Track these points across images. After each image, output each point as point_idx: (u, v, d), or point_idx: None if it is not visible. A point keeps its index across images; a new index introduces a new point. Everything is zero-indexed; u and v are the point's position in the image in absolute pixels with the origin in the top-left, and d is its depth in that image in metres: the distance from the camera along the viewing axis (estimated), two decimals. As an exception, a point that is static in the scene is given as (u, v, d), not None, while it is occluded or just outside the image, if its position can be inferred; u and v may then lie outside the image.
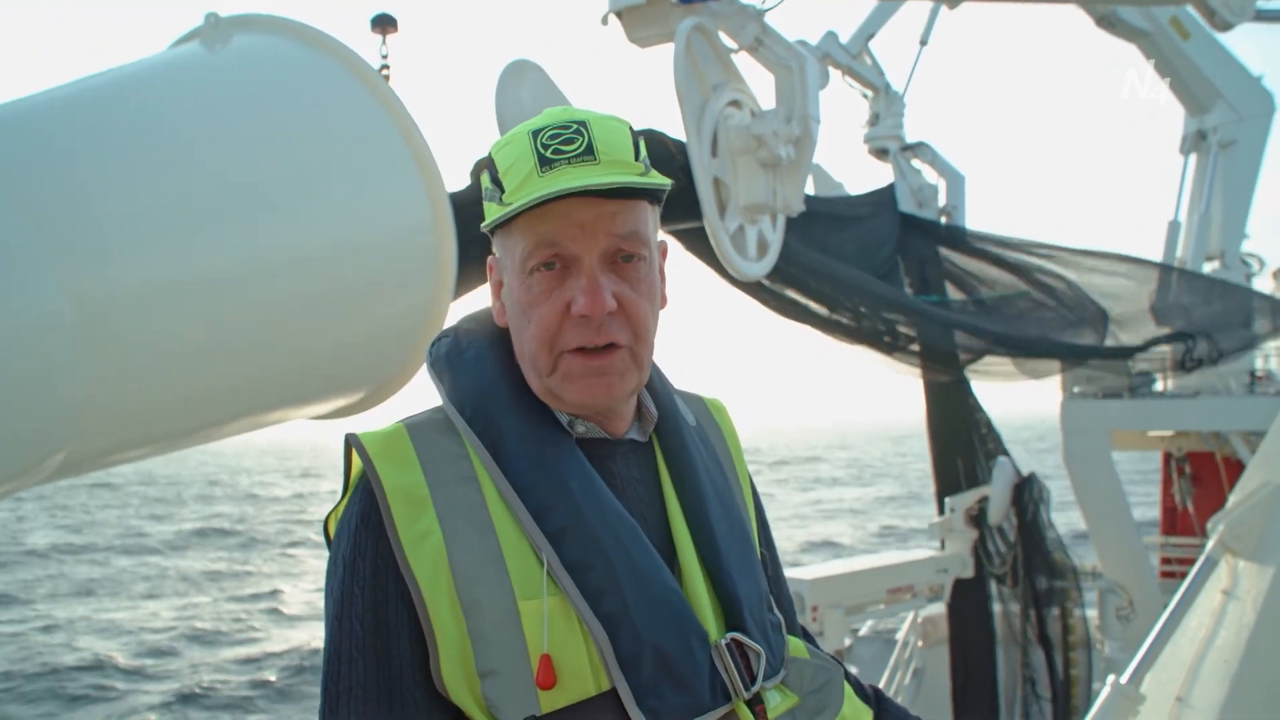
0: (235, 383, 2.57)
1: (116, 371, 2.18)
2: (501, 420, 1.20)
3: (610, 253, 1.17)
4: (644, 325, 1.20)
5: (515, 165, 1.17)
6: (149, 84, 2.61)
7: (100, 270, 2.15)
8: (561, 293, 1.17)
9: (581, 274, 1.16)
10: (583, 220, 1.15)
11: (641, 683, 1.10)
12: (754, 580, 1.27)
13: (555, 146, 1.15)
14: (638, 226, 1.18)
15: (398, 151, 2.88)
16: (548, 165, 1.14)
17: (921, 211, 9.58)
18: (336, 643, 1.12)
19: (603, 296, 1.15)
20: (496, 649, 1.09)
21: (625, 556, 1.14)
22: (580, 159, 1.14)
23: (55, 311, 2.01)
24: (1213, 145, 12.79)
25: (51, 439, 2.11)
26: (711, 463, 1.34)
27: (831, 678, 1.31)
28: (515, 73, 4.45)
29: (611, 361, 1.18)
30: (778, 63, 5.42)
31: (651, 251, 1.22)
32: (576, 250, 1.16)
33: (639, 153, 1.19)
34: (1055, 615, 9.74)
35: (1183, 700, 3.29)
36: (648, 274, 1.21)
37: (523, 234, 1.17)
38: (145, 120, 2.46)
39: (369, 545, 1.13)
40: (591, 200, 1.14)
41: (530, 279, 1.18)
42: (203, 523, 43.22)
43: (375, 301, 2.89)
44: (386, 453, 1.17)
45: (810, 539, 34.86)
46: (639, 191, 1.17)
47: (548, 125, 1.18)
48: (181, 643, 21.89)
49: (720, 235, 5.16)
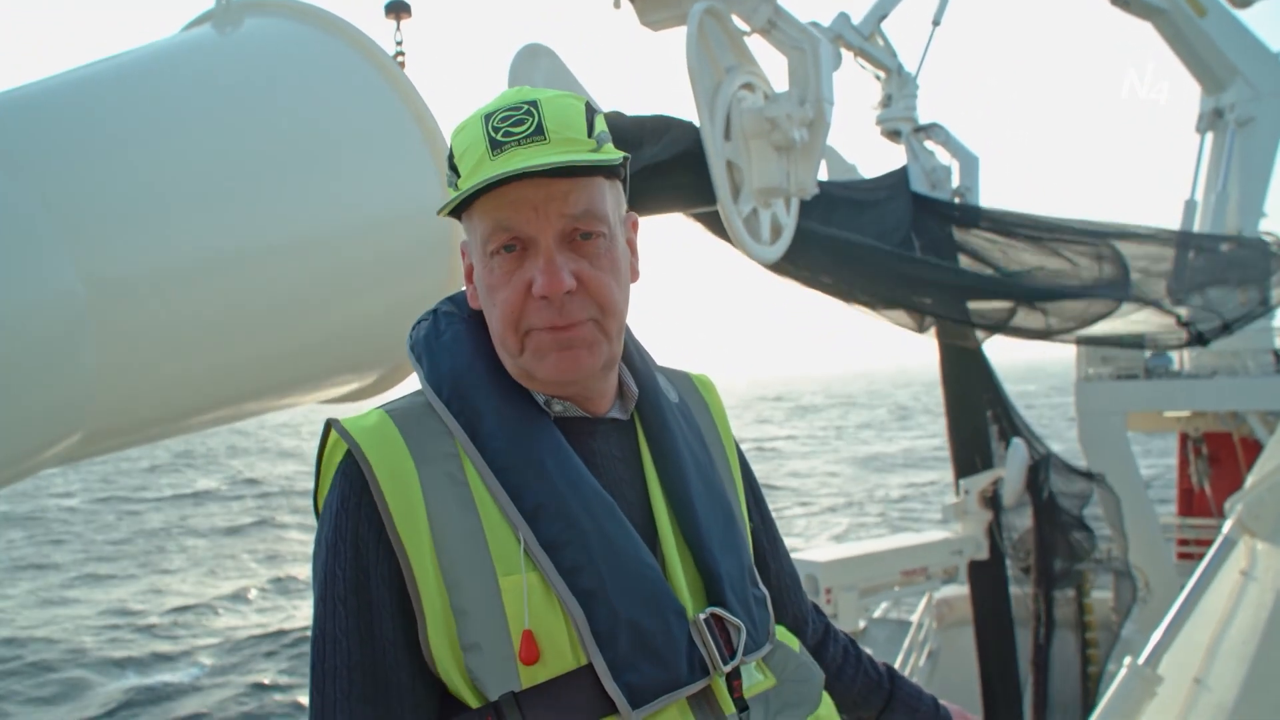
0: (249, 364, 2.58)
1: (131, 353, 2.19)
2: (479, 401, 1.21)
3: (566, 232, 1.18)
4: (608, 299, 1.20)
5: (469, 150, 1.18)
6: (161, 67, 2.62)
7: (114, 252, 2.16)
8: (522, 274, 1.18)
9: (539, 254, 1.17)
10: (535, 201, 1.16)
11: (618, 658, 1.12)
12: (736, 555, 1.28)
13: (505, 129, 1.16)
14: (592, 204, 1.19)
15: (410, 134, 2.89)
16: (498, 148, 1.15)
17: (935, 193, 9.52)
18: (322, 623, 1.15)
19: (560, 276, 1.16)
20: (479, 624, 1.11)
21: (601, 533, 1.16)
22: (530, 139, 1.15)
23: (69, 292, 2.01)
24: (1230, 123, 12.67)
25: (67, 420, 2.12)
26: (694, 439, 1.35)
27: (813, 677, 1.32)
28: (528, 57, 4.43)
29: (579, 333, 1.19)
30: (791, 45, 5.40)
31: (612, 227, 1.22)
32: (531, 232, 1.17)
33: (593, 128, 1.19)
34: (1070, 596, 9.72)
35: (1201, 681, 3.28)
36: (609, 249, 1.21)
37: (480, 218, 1.18)
38: (158, 103, 2.46)
39: (349, 528, 1.15)
40: (542, 181, 1.15)
41: (491, 261, 1.19)
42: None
43: (387, 284, 2.90)
44: (372, 436, 1.18)
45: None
46: (592, 168, 1.17)
47: (499, 108, 1.19)
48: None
49: (734, 219, 5.15)
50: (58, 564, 26.71)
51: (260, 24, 2.88)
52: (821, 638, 1.57)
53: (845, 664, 1.56)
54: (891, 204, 8.60)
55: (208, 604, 21.97)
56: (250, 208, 2.48)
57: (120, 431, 2.39)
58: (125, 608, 21.53)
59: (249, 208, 2.47)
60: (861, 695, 1.56)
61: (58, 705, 15.69)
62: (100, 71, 2.49)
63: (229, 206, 2.42)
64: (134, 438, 2.51)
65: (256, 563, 26.89)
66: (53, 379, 2.04)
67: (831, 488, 37.99)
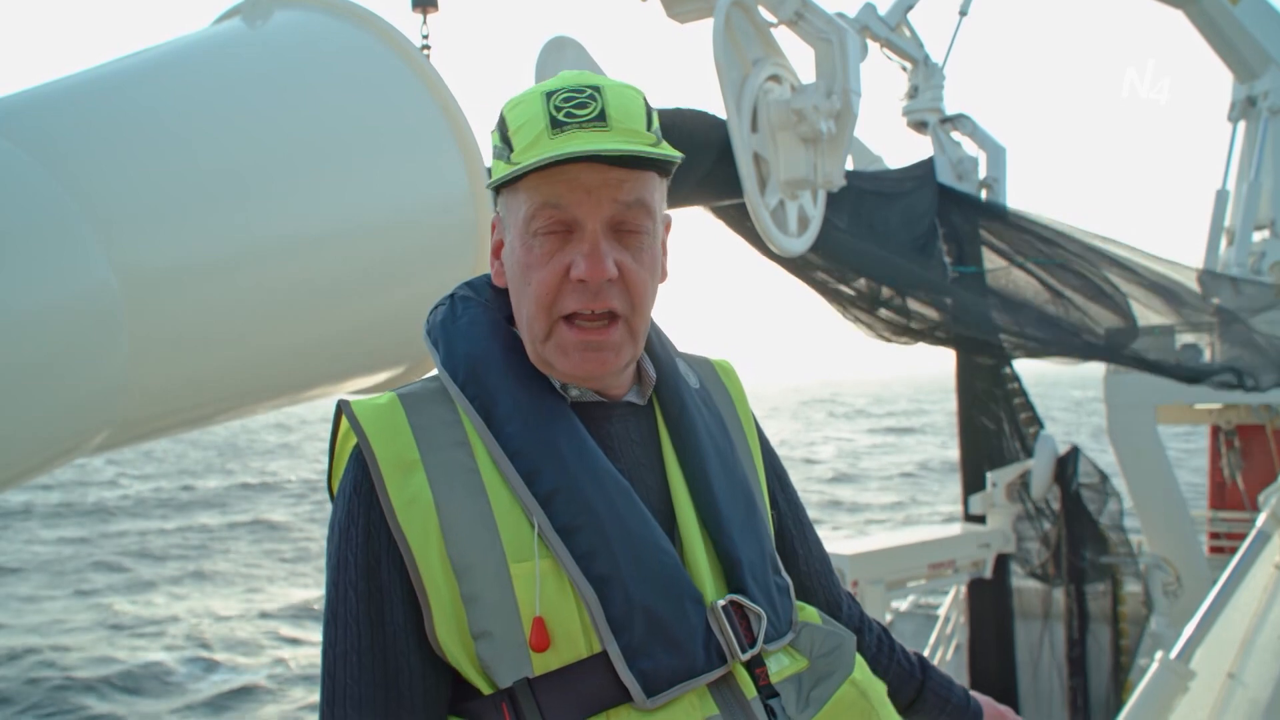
0: (278, 356, 2.60)
1: (163, 344, 2.21)
2: (494, 385, 1.20)
3: (614, 220, 1.17)
4: (642, 296, 1.19)
5: (526, 125, 1.16)
6: (192, 60, 2.64)
7: (145, 243, 2.17)
8: (562, 256, 1.16)
9: (584, 239, 1.16)
10: (589, 185, 1.14)
11: (633, 644, 1.10)
12: (757, 542, 1.27)
13: (568, 110, 1.14)
14: (644, 196, 1.18)
15: (438, 127, 2.89)
16: (559, 128, 1.14)
17: (962, 184, 9.44)
18: (334, 606, 1.15)
19: (604, 263, 1.15)
20: (489, 611, 1.10)
21: (616, 518, 1.14)
22: (592, 124, 1.14)
23: (102, 285, 2.03)
24: (1263, 111, 12.47)
25: (100, 411, 2.14)
26: (715, 424, 1.34)
27: (842, 642, 1.30)
28: (555, 50, 4.43)
29: (608, 336, 1.18)
30: (817, 36, 5.37)
31: (655, 224, 1.21)
32: (580, 215, 1.15)
33: (651, 123, 1.18)
34: (1101, 590, 9.65)
35: (1234, 676, 3.25)
36: (650, 246, 1.20)
37: (528, 194, 1.17)
38: (188, 96, 2.48)
39: (361, 512, 1.14)
40: (599, 166, 1.14)
41: (533, 240, 1.17)
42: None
43: (415, 275, 2.91)
44: (378, 420, 1.17)
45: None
46: (648, 162, 1.16)
47: (562, 87, 1.17)
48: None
49: (760, 211, 5.14)
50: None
51: (289, 17, 2.90)
52: (857, 625, 1.54)
53: (879, 653, 1.53)
54: (920, 194, 8.55)
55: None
56: (279, 200, 2.49)
57: (153, 421, 2.42)
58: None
59: (278, 200, 2.49)
60: (894, 685, 1.52)
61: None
62: (132, 65, 2.52)
63: (258, 199, 2.44)
64: (167, 428, 2.54)
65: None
66: (86, 370, 2.06)
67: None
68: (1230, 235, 12.61)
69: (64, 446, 2.13)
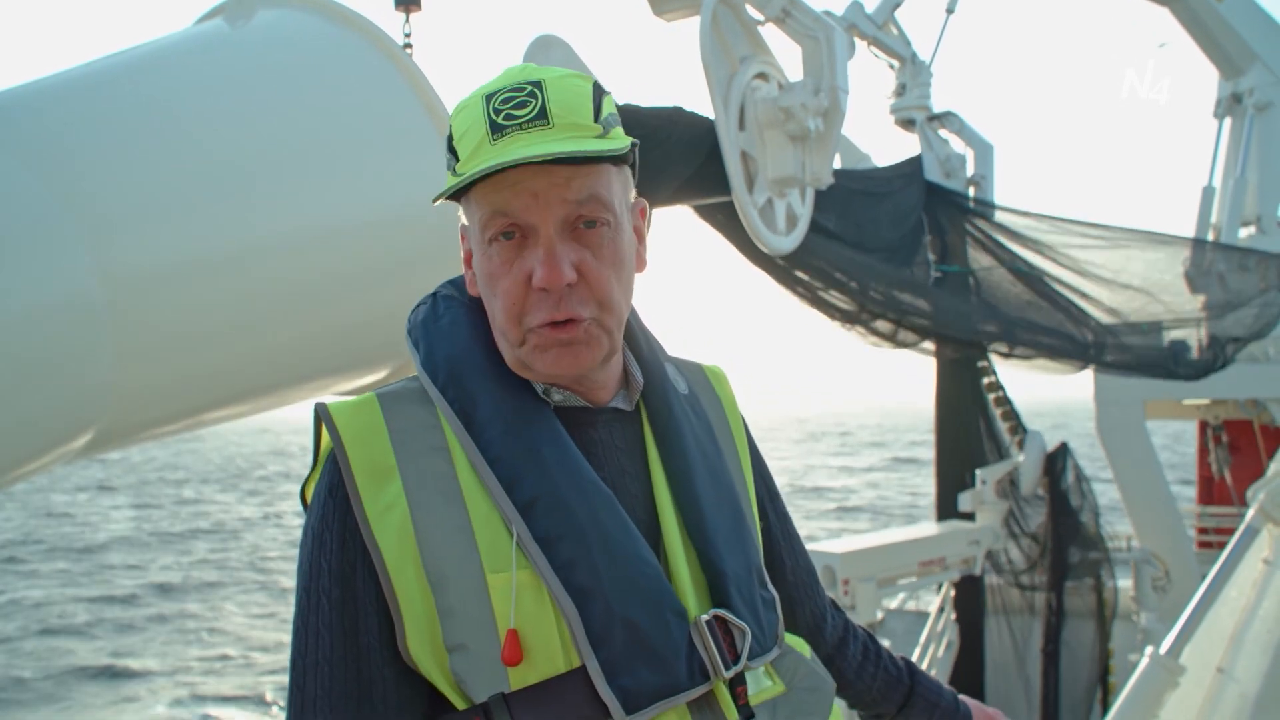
0: (262, 358, 2.58)
1: (145, 348, 2.19)
2: (474, 388, 1.16)
3: (569, 220, 1.12)
4: (607, 294, 1.14)
5: (469, 132, 1.12)
6: (172, 60, 2.61)
7: (127, 247, 2.15)
8: (522, 263, 1.12)
9: (539, 244, 1.11)
10: (536, 189, 1.09)
11: (612, 659, 1.06)
12: (744, 554, 1.23)
13: (507, 111, 1.10)
14: (597, 190, 1.12)
15: (422, 126, 2.88)
16: (498, 132, 1.09)
17: (949, 182, 9.47)
18: (304, 615, 1.10)
19: (560, 268, 1.10)
20: (464, 623, 1.06)
21: (598, 528, 1.10)
22: (532, 124, 1.09)
23: (83, 288, 2.01)
24: (1248, 108, 12.54)
25: (82, 415, 2.12)
26: (703, 432, 1.29)
27: (823, 686, 1.26)
28: (542, 49, 4.42)
29: (577, 334, 1.13)
30: (805, 34, 5.37)
31: (617, 215, 1.15)
32: (531, 219, 1.11)
33: (600, 112, 1.14)
34: (1088, 585, 9.69)
35: (1224, 671, 3.26)
36: (613, 239, 1.15)
37: (478, 203, 1.13)
38: (170, 98, 2.46)
39: (336, 518, 1.10)
40: (544, 168, 1.09)
41: (490, 249, 1.13)
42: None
43: (401, 276, 2.90)
44: (354, 423, 1.13)
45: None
46: (597, 158, 1.11)
47: (502, 88, 1.12)
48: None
49: (749, 209, 5.13)
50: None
51: (272, 16, 2.88)
52: (841, 634, 1.52)
53: (865, 661, 1.51)
54: (905, 193, 8.57)
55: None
56: (263, 201, 2.47)
57: (137, 426, 2.40)
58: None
59: (262, 201, 2.47)
60: (881, 692, 1.51)
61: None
62: (112, 66, 2.50)
63: (242, 199, 2.42)
64: (151, 433, 2.52)
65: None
66: (69, 371, 2.04)
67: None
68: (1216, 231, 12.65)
69: (46, 448, 2.11)
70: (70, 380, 2.05)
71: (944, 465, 10.10)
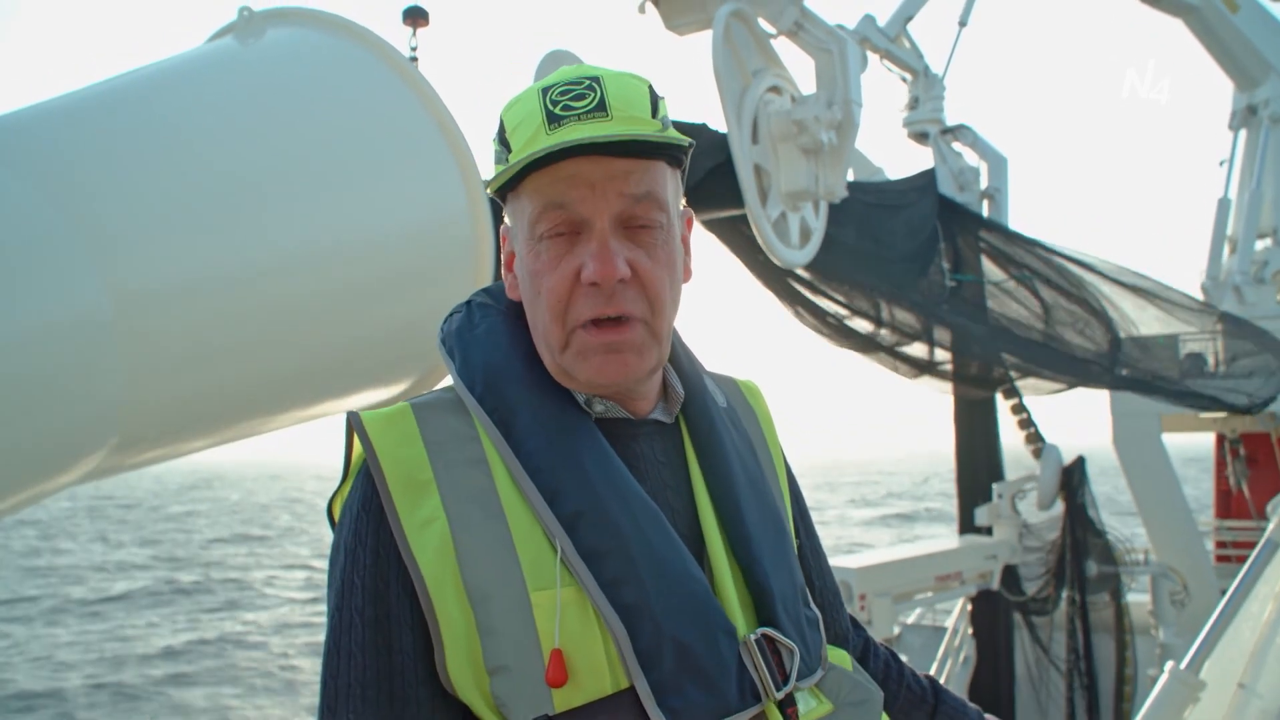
0: (276, 377, 2.57)
1: (157, 367, 2.18)
2: (514, 398, 1.12)
3: (623, 216, 1.09)
4: (660, 296, 1.11)
5: (523, 123, 1.10)
6: (183, 79, 2.62)
7: (137, 265, 2.15)
8: (571, 259, 1.09)
9: (592, 238, 1.08)
10: (593, 179, 1.07)
11: (662, 680, 1.02)
12: (789, 572, 1.19)
13: (565, 103, 1.08)
14: (654, 188, 1.10)
15: (434, 142, 2.88)
16: (556, 122, 1.07)
17: (963, 195, 9.46)
18: (336, 635, 1.06)
19: (614, 262, 1.07)
20: (506, 643, 1.01)
21: (645, 543, 1.06)
22: (591, 115, 1.07)
23: (94, 307, 2.01)
24: (1264, 120, 12.50)
25: (94, 435, 2.11)
26: (744, 446, 1.26)
27: (871, 698, 1.22)
28: (553, 63, 4.43)
29: (627, 337, 1.10)
30: (818, 47, 5.37)
31: (670, 218, 1.13)
32: (586, 213, 1.08)
33: (657, 110, 1.12)
34: (1106, 600, 9.61)
35: (1246, 687, 3.22)
36: (665, 242, 1.12)
37: (530, 197, 1.10)
38: (181, 116, 2.46)
39: (370, 532, 1.06)
40: (602, 159, 1.06)
41: (539, 245, 1.10)
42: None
43: (414, 292, 2.90)
44: (388, 433, 1.09)
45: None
46: (655, 150, 1.09)
47: (558, 82, 1.11)
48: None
49: (762, 223, 5.13)
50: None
51: (282, 34, 2.89)
52: (862, 653, 1.48)
53: (888, 679, 1.47)
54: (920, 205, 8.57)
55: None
56: (274, 218, 2.47)
57: (149, 445, 2.39)
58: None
59: (273, 218, 2.47)
60: (904, 711, 1.47)
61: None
62: (124, 84, 2.51)
63: (253, 217, 2.42)
64: (163, 452, 2.51)
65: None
66: (81, 390, 2.04)
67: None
68: (1233, 244, 12.59)
69: (56, 471, 2.11)
70: (82, 399, 2.05)
71: (964, 480, 10.04)
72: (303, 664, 21.26)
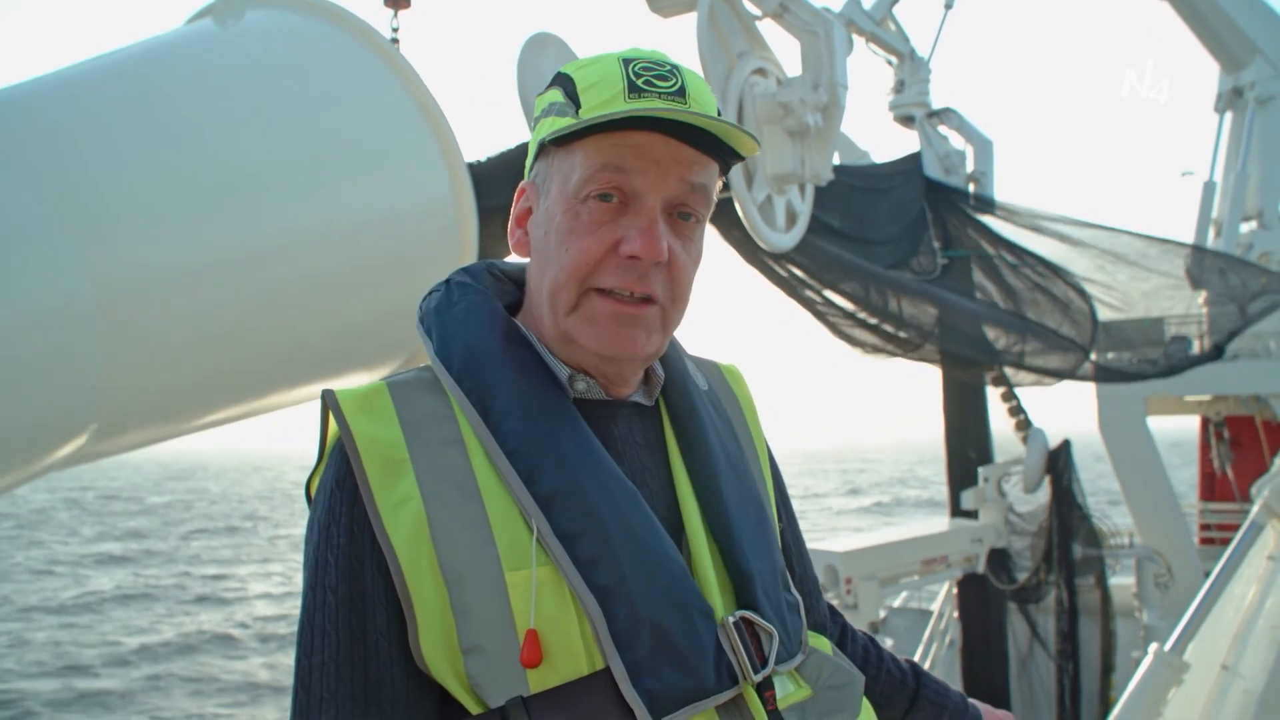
0: (256, 363, 2.55)
1: (137, 352, 2.17)
2: (492, 377, 1.11)
3: (676, 200, 1.10)
4: (685, 288, 1.13)
5: (600, 84, 1.09)
6: (162, 62, 2.60)
7: (118, 251, 2.13)
8: (613, 228, 1.09)
9: (641, 213, 1.08)
10: (659, 157, 1.07)
11: (638, 661, 1.02)
12: (769, 555, 1.19)
13: (648, 78, 1.08)
14: (708, 181, 1.12)
15: (416, 125, 2.86)
16: (638, 93, 1.07)
17: (949, 178, 9.45)
18: (310, 612, 1.05)
19: (660, 242, 1.07)
20: (481, 623, 1.01)
21: (623, 524, 1.06)
22: (673, 97, 1.07)
23: (74, 292, 2.00)
24: (1249, 102, 12.53)
25: (75, 420, 2.10)
26: (725, 430, 1.25)
27: (851, 681, 1.22)
28: (537, 46, 4.39)
29: (644, 313, 1.10)
30: (803, 28, 5.34)
31: (707, 216, 1.15)
32: (643, 187, 1.08)
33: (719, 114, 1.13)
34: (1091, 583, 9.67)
35: (1229, 668, 3.23)
36: (699, 239, 1.14)
37: (586, 155, 1.09)
38: (159, 99, 2.44)
39: (344, 510, 1.05)
40: (673, 141, 1.07)
41: (581, 206, 1.09)
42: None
43: (396, 277, 2.88)
44: (364, 411, 1.08)
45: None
46: (718, 148, 1.10)
47: (640, 58, 1.11)
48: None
49: (748, 206, 5.11)
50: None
51: (261, 16, 2.86)
52: (839, 639, 1.47)
53: (866, 664, 1.46)
54: (907, 187, 8.56)
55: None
56: (254, 204, 2.45)
57: (130, 430, 2.38)
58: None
59: (254, 203, 2.45)
60: (885, 695, 1.46)
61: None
62: (101, 67, 2.48)
63: (233, 203, 2.40)
64: (144, 437, 2.49)
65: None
66: (60, 375, 2.03)
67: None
68: (1218, 226, 12.64)
69: (37, 455, 2.09)
70: (62, 384, 2.04)
71: (954, 462, 10.06)
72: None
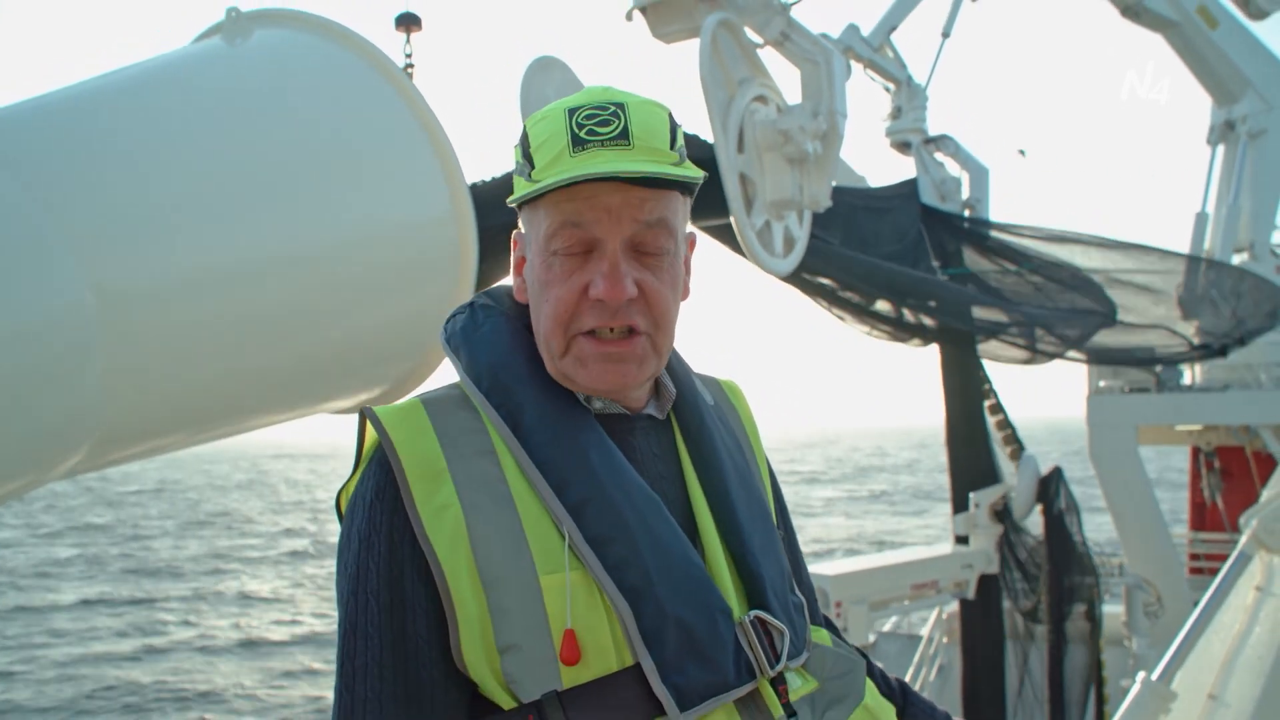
0: (256, 375, 2.58)
1: (138, 364, 2.19)
2: (519, 393, 1.18)
3: (635, 240, 1.15)
4: (664, 313, 1.18)
5: (548, 142, 1.14)
6: (171, 79, 2.63)
7: (122, 263, 2.16)
8: (581, 275, 1.15)
9: (604, 258, 1.14)
10: (610, 205, 1.13)
11: (665, 658, 1.09)
12: (776, 560, 1.27)
13: (590, 127, 1.13)
14: (666, 215, 1.16)
15: (419, 145, 2.89)
16: (580, 146, 1.12)
17: (945, 205, 9.51)
18: (352, 619, 1.11)
19: (623, 283, 1.13)
20: (518, 624, 1.08)
21: (647, 530, 1.13)
22: (614, 142, 1.12)
23: (78, 304, 2.02)
24: (1242, 135, 12.60)
25: (76, 431, 2.12)
26: (730, 442, 1.33)
27: (854, 668, 1.30)
28: (541, 70, 4.45)
29: (630, 349, 1.17)
30: (804, 57, 5.40)
31: (677, 244, 1.20)
32: (601, 234, 1.14)
33: (675, 141, 1.17)
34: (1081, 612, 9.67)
35: (1216, 698, 3.26)
36: (671, 265, 1.19)
37: (548, 212, 1.15)
38: (167, 115, 2.47)
39: (384, 520, 1.12)
40: (621, 185, 1.12)
41: (552, 259, 1.16)
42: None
43: (397, 293, 2.90)
44: (403, 425, 1.15)
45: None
46: (670, 182, 1.14)
47: (585, 104, 1.15)
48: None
49: (747, 232, 5.15)
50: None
51: (270, 35, 2.90)
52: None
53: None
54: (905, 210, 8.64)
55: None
56: (259, 219, 2.48)
57: (130, 442, 2.40)
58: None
59: (258, 218, 2.47)
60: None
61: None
62: (111, 83, 2.50)
63: (237, 217, 2.42)
64: (144, 449, 2.51)
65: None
66: (61, 388, 2.04)
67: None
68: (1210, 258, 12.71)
69: (37, 466, 2.11)
70: (63, 396, 2.05)
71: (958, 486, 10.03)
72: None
